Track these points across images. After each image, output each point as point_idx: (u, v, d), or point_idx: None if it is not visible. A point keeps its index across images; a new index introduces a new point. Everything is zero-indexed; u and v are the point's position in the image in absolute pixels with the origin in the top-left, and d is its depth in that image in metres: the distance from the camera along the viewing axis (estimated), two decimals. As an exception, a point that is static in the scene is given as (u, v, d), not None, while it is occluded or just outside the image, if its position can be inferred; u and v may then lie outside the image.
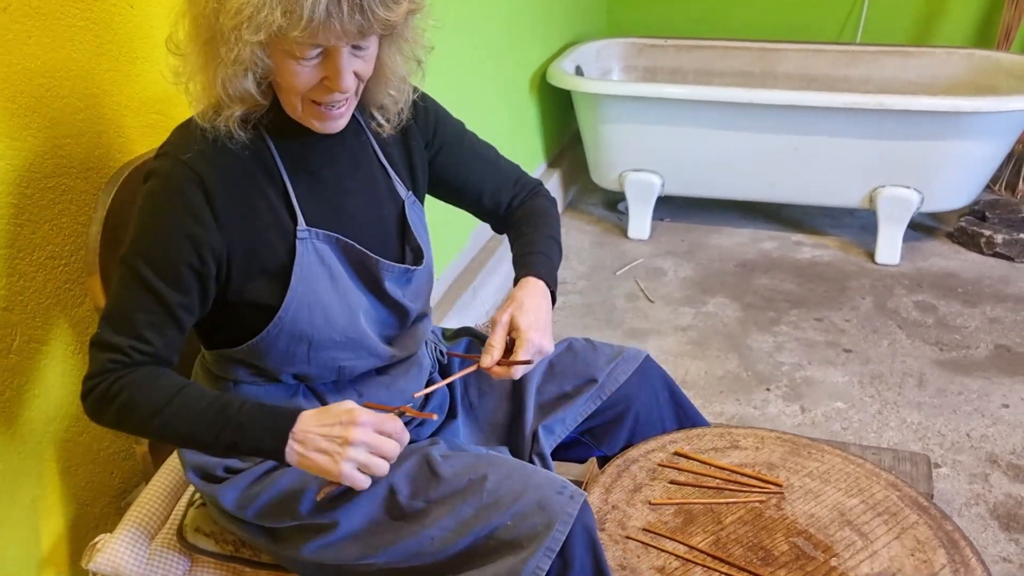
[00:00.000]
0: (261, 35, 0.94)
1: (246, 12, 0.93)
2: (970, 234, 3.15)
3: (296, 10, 0.92)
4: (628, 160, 3.21)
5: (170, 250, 1.03)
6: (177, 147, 1.05)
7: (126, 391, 1.03)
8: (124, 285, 1.05)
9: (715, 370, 2.46)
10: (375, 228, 1.19)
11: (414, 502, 1.09)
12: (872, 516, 1.21)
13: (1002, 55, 3.33)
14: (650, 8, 4.04)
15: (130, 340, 1.04)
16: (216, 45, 0.97)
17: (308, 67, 1.00)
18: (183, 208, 1.03)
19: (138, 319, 1.04)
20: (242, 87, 1.01)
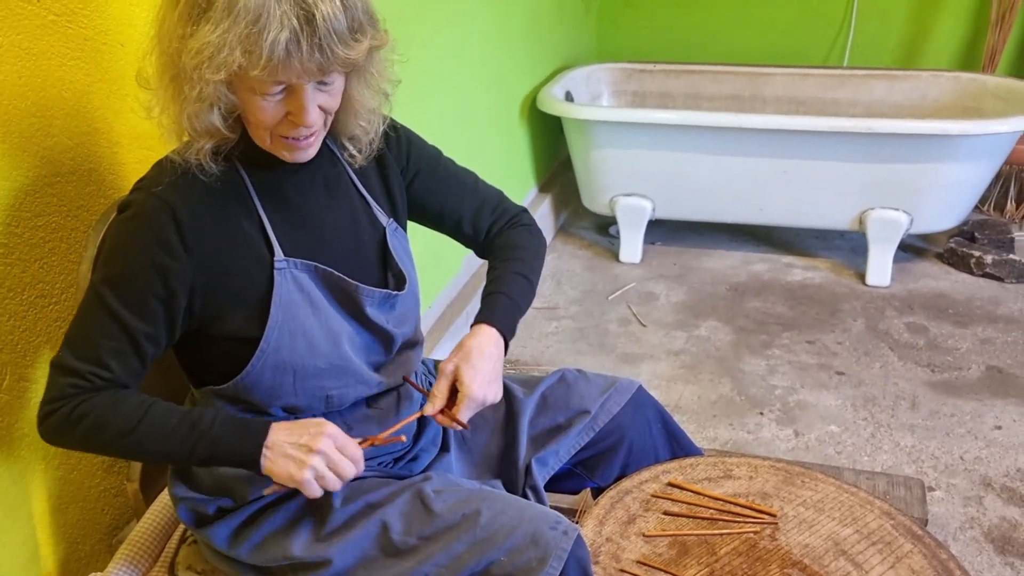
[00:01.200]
0: (222, 75, 0.95)
1: (206, 52, 0.94)
2: (960, 255, 3.17)
3: (255, 50, 0.94)
4: (619, 185, 3.23)
5: (137, 279, 1.04)
6: (151, 181, 1.07)
7: (92, 414, 1.03)
8: (89, 310, 1.05)
9: (708, 394, 2.46)
10: (354, 256, 1.19)
11: (407, 539, 1.09)
12: (867, 546, 1.21)
13: (988, 77, 3.36)
14: (639, 33, 4.07)
15: (91, 366, 1.04)
16: (180, 82, 0.99)
17: (272, 102, 1.01)
18: (152, 238, 1.04)
19: (101, 345, 1.04)
20: (208, 122, 1.02)
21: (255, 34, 0.93)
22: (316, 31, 0.94)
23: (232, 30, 0.93)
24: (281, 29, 0.93)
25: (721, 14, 3.91)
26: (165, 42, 0.99)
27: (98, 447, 1.07)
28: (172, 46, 0.98)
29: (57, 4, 1.19)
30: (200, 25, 0.95)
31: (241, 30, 0.93)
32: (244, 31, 0.93)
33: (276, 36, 0.93)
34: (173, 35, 0.98)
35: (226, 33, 0.93)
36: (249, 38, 0.93)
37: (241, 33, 0.93)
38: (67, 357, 1.04)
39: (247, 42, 0.93)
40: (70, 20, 1.21)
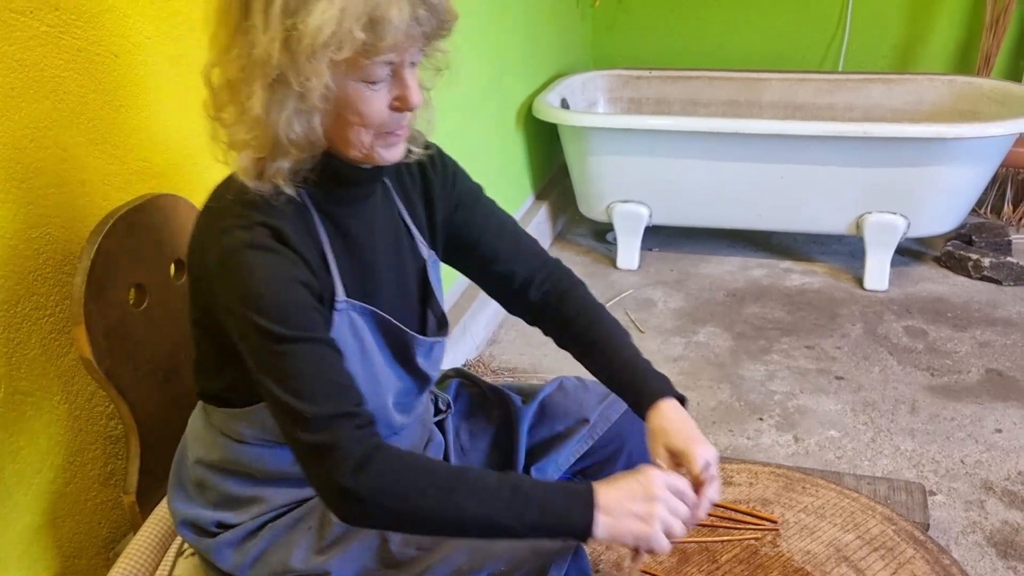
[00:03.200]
0: (345, 52, 0.88)
1: (326, 32, 0.87)
2: (958, 258, 3.17)
3: (380, 21, 0.88)
4: (615, 191, 3.22)
5: (294, 298, 0.95)
6: (236, 216, 0.97)
7: (404, 474, 0.94)
8: (286, 360, 0.93)
9: (707, 401, 2.45)
10: (400, 296, 1.15)
11: (406, 549, 1.08)
12: (868, 552, 1.20)
13: (983, 80, 3.37)
14: (634, 40, 4.07)
15: (342, 397, 0.95)
16: (279, 85, 0.91)
17: (380, 91, 0.95)
18: (281, 259, 0.96)
19: (326, 372, 0.95)
20: (307, 128, 0.94)
21: (378, 3, 0.87)
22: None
23: (354, 3, 0.87)
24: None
25: (716, 20, 3.92)
26: (263, 42, 0.89)
27: (413, 514, 0.95)
28: (276, 40, 0.88)
29: (50, 15, 1.18)
30: (312, 5, 0.87)
31: (359, 1, 0.87)
32: (364, 1, 0.87)
33: (399, 3, 0.88)
34: (274, 34, 0.88)
35: (346, 7, 0.86)
36: (371, 8, 0.87)
37: (362, 5, 0.87)
38: (317, 410, 0.92)
39: (370, 12, 0.87)
40: (63, 31, 1.21)
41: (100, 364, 1.20)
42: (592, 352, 1.23)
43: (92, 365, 1.19)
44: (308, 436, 0.93)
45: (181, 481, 1.20)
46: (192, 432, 1.21)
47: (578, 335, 1.24)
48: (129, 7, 1.32)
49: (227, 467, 1.14)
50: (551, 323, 1.27)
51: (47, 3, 1.17)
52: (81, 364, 1.21)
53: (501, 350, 2.74)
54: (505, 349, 2.74)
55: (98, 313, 1.19)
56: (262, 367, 0.95)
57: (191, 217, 1.38)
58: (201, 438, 1.18)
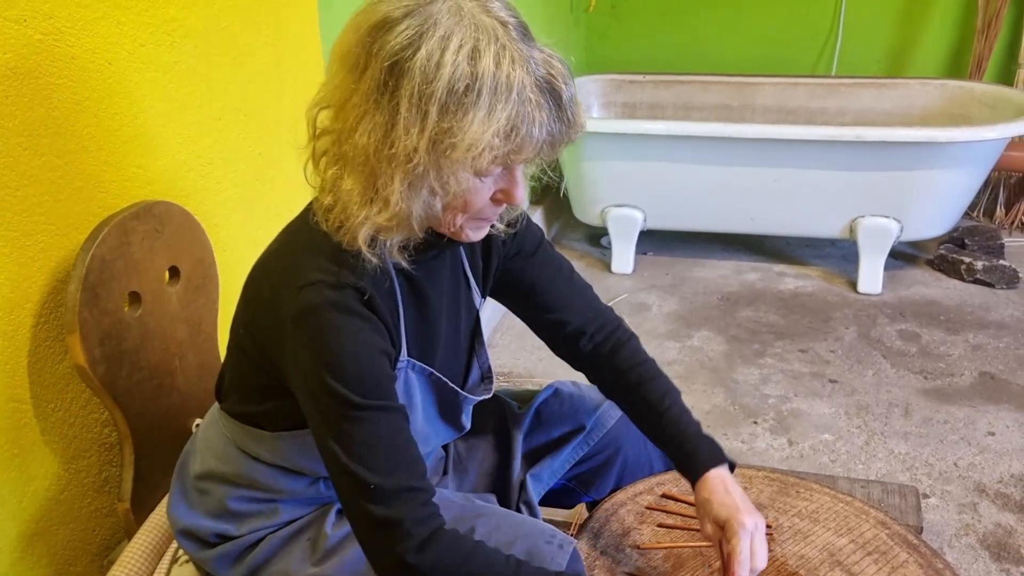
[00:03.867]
0: (489, 163, 0.88)
1: (482, 143, 0.86)
2: (950, 261, 3.18)
3: (526, 133, 0.88)
4: (610, 196, 3.23)
5: (376, 368, 0.95)
6: (323, 272, 0.95)
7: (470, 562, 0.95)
8: (360, 428, 0.92)
9: (702, 404, 2.46)
10: (452, 350, 1.15)
11: (402, 556, 1.08)
12: (862, 556, 1.21)
13: (975, 84, 3.38)
14: (628, 45, 4.09)
15: (411, 471, 0.94)
16: (428, 180, 0.89)
17: (488, 184, 0.94)
18: (364, 324, 0.95)
19: (398, 444, 0.94)
20: (431, 212, 0.93)
21: (525, 116, 0.87)
22: (562, 105, 0.90)
23: (509, 117, 0.86)
24: (540, 109, 0.88)
25: (710, 25, 3.93)
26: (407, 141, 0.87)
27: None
28: (421, 143, 0.86)
29: (44, 23, 1.18)
30: (468, 115, 0.85)
31: (514, 114, 0.86)
32: (516, 114, 0.86)
33: (540, 115, 0.88)
34: (423, 132, 0.86)
35: (503, 121, 0.86)
36: (522, 122, 0.87)
37: (514, 118, 0.86)
38: (386, 482, 0.92)
39: (520, 127, 0.87)
40: (57, 39, 1.21)
41: (94, 371, 1.20)
42: (642, 410, 1.22)
43: (86, 372, 1.20)
44: (373, 508, 0.92)
45: (184, 489, 1.20)
46: (205, 441, 1.19)
47: (628, 390, 1.23)
48: (123, 15, 1.32)
49: (239, 482, 1.14)
50: (601, 375, 1.26)
51: (41, 11, 1.18)
52: (75, 372, 1.22)
53: (496, 354, 2.74)
54: (500, 354, 2.74)
55: (93, 321, 1.20)
56: (330, 431, 0.93)
57: (186, 224, 1.39)
58: (215, 449, 1.17)
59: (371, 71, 0.87)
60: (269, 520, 1.13)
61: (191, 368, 1.42)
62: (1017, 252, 3.35)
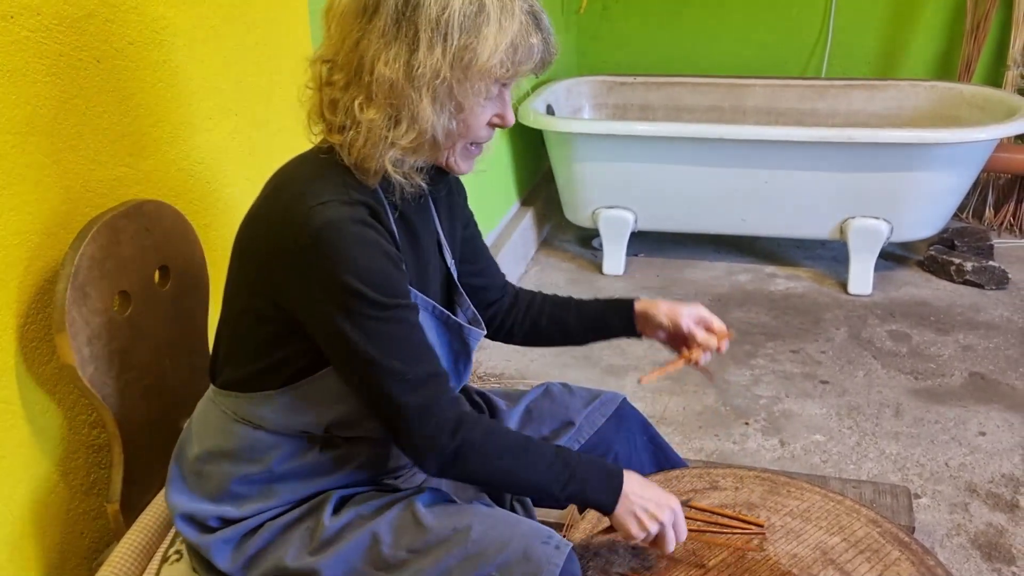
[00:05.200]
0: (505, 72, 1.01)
1: (498, 55, 0.99)
2: (940, 262, 3.19)
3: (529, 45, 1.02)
4: (601, 197, 3.23)
5: (393, 271, 1.03)
6: (333, 194, 1.03)
7: (492, 437, 1.08)
8: (384, 325, 1.02)
9: (693, 405, 2.46)
10: (441, 295, 1.23)
11: (397, 552, 1.08)
12: (854, 554, 1.21)
13: (964, 86, 3.40)
14: (619, 46, 4.09)
15: (433, 360, 1.06)
16: (452, 96, 1.01)
17: (488, 107, 1.06)
18: (377, 235, 1.03)
19: (418, 339, 1.06)
20: (451, 132, 1.04)
21: (525, 30, 1.00)
22: (543, 27, 1.04)
23: (518, 29, 1.00)
24: (532, 27, 1.02)
25: (700, 27, 3.94)
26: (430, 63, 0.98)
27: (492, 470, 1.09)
28: (444, 62, 0.98)
29: (32, 20, 1.17)
30: (483, 29, 0.98)
31: (519, 26, 1.00)
32: (521, 26, 1.00)
33: (535, 35, 1.02)
34: (446, 51, 0.98)
35: (514, 32, 0.99)
36: (525, 34, 1.00)
37: (520, 30, 1.00)
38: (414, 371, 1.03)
39: (524, 38, 1.00)
40: (45, 36, 1.20)
41: (83, 372, 1.19)
42: (564, 315, 1.39)
43: (75, 373, 1.19)
44: (410, 397, 1.03)
45: (182, 474, 1.20)
46: (201, 423, 1.20)
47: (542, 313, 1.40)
48: (112, 13, 1.31)
49: (241, 456, 1.15)
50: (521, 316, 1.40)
51: (29, 8, 1.17)
52: (64, 372, 1.21)
53: (487, 356, 2.74)
54: (491, 355, 2.74)
55: (81, 320, 1.19)
56: (361, 334, 1.01)
57: (176, 223, 1.38)
58: (214, 427, 1.17)
59: (384, 9, 0.98)
60: (267, 502, 1.14)
61: (181, 368, 1.41)
62: (1006, 253, 3.36)
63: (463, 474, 1.09)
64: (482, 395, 1.39)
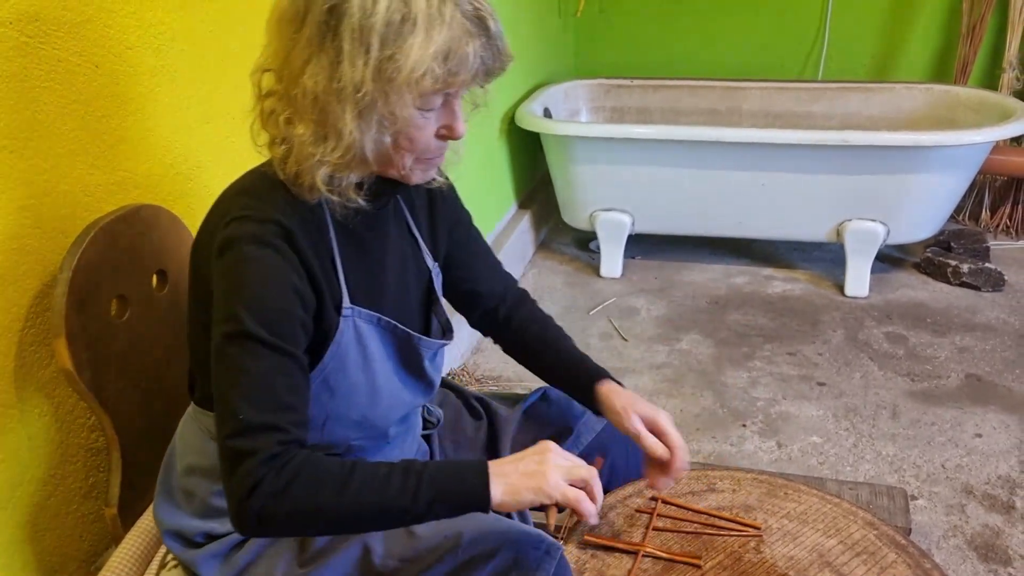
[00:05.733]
0: (432, 85, 0.94)
1: (422, 66, 0.92)
2: (937, 264, 3.20)
3: (463, 55, 0.94)
4: (598, 200, 3.24)
5: (281, 305, 0.98)
6: (255, 209, 1.00)
7: (301, 475, 0.93)
8: (246, 358, 0.95)
9: (691, 408, 2.46)
10: (404, 303, 1.17)
11: (388, 561, 1.08)
12: (851, 557, 1.21)
13: (960, 89, 3.41)
14: (616, 50, 4.10)
15: (281, 413, 0.95)
16: (376, 110, 0.95)
17: (431, 119, 1.00)
18: (281, 260, 0.99)
19: (278, 386, 0.95)
20: (382, 148, 0.99)
21: (461, 39, 0.93)
22: (491, 34, 0.97)
23: (446, 39, 0.93)
24: (473, 36, 0.95)
25: (697, 30, 3.95)
26: (353, 74, 0.93)
27: (312, 512, 0.94)
28: (367, 74, 0.93)
29: (30, 26, 1.18)
30: (408, 40, 0.92)
31: (451, 37, 0.93)
32: (453, 37, 0.93)
33: (473, 43, 0.94)
34: (368, 62, 0.93)
35: (441, 43, 0.92)
36: (459, 44, 0.93)
37: (452, 40, 0.93)
38: (251, 417, 0.93)
39: (457, 48, 0.93)
40: (43, 41, 1.20)
41: (81, 376, 1.19)
42: (541, 347, 1.33)
43: (73, 377, 1.19)
44: (232, 439, 0.93)
45: (169, 490, 1.19)
46: (182, 439, 1.20)
47: (528, 338, 1.34)
48: (110, 18, 1.32)
49: (216, 472, 1.14)
50: (511, 336, 1.36)
51: (27, 14, 1.17)
52: (62, 376, 1.21)
53: (485, 359, 2.74)
54: (489, 358, 2.74)
55: (80, 325, 1.19)
56: (224, 357, 0.96)
57: (174, 228, 1.38)
58: (192, 444, 1.17)
59: (311, 18, 0.94)
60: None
61: (179, 373, 1.41)
62: (1003, 255, 3.37)
63: (277, 530, 0.97)
64: (480, 400, 1.39)
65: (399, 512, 0.96)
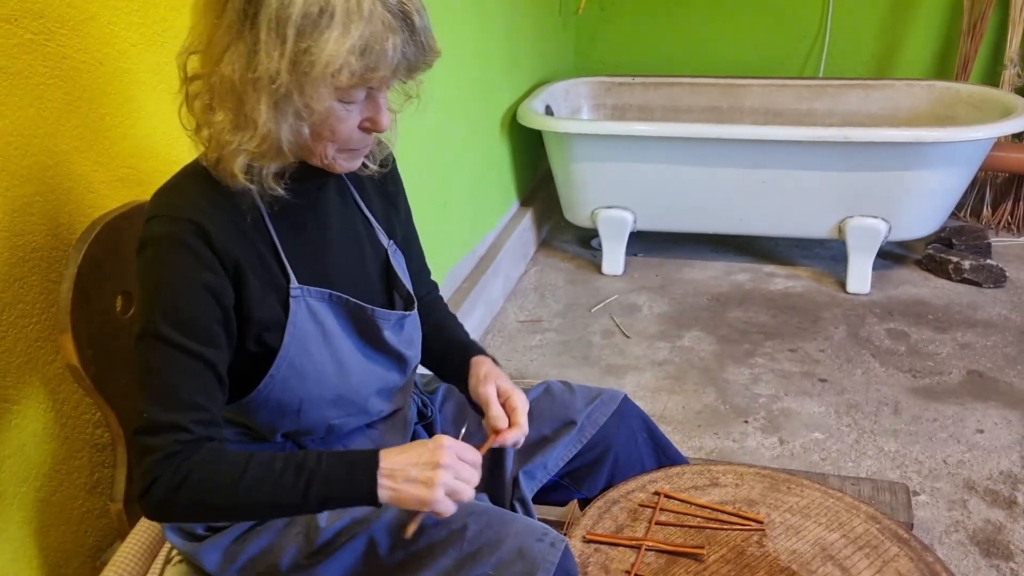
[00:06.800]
0: (348, 80, 0.94)
1: (338, 60, 0.92)
2: (938, 261, 3.20)
3: (380, 51, 0.93)
4: (600, 197, 3.24)
5: (193, 305, 0.99)
6: (171, 207, 1.01)
7: (196, 471, 0.96)
8: (157, 357, 0.98)
9: (693, 404, 2.47)
10: (360, 280, 1.18)
11: (394, 555, 1.08)
12: (853, 550, 1.21)
13: (961, 86, 3.41)
14: (617, 47, 4.10)
15: (186, 413, 0.97)
16: (291, 101, 0.95)
17: (353, 111, 1.00)
18: (195, 261, 0.99)
19: (186, 387, 0.98)
20: (300, 138, 1.00)
21: (379, 35, 0.93)
22: (415, 30, 0.96)
23: (361, 34, 0.92)
24: (394, 32, 0.94)
25: (698, 27, 3.95)
26: (268, 64, 0.93)
27: (207, 508, 0.99)
28: (282, 64, 0.93)
29: (35, 23, 1.18)
30: (324, 34, 0.91)
31: (368, 33, 0.92)
32: (370, 33, 0.92)
33: (393, 38, 0.94)
34: (284, 53, 0.92)
35: (356, 38, 0.92)
36: (376, 40, 0.93)
37: (368, 36, 0.92)
38: (156, 415, 0.97)
39: (374, 44, 0.93)
40: (48, 39, 1.21)
41: (86, 371, 1.20)
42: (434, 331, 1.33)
43: (79, 372, 1.19)
44: (141, 434, 0.98)
45: None
46: None
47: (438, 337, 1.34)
48: (114, 15, 1.32)
49: None
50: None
51: (31, 11, 1.18)
52: (67, 372, 1.21)
53: (487, 356, 2.74)
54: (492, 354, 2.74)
55: (84, 320, 1.19)
56: (138, 355, 0.99)
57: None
58: None
59: (232, 4, 0.94)
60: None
61: (183, 368, 1.41)
62: (1004, 251, 3.37)
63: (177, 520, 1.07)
64: (483, 394, 1.39)
65: (291, 508, 1.00)
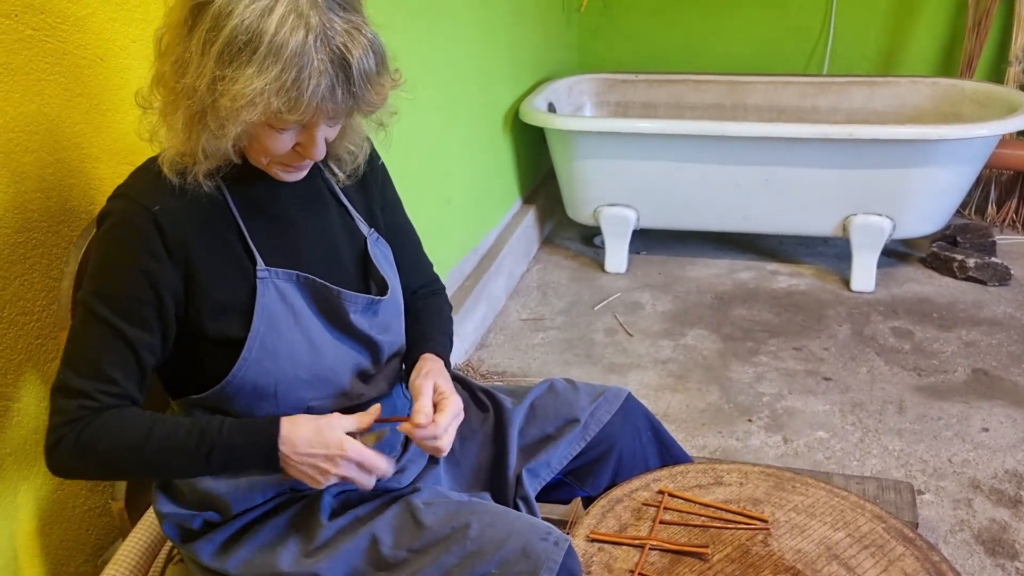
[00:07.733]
0: (258, 117, 0.95)
1: (248, 97, 0.93)
2: (943, 259, 3.19)
3: (298, 97, 0.93)
4: (603, 195, 3.23)
5: (127, 287, 1.02)
6: (131, 188, 1.05)
7: (101, 434, 1.01)
8: (83, 326, 1.03)
9: (696, 403, 2.46)
10: (334, 266, 1.18)
11: (397, 552, 1.08)
12: (859, 549, 1.21)
13: (965, 83, 3.39)
14: (620, 44, 4.09)
15: (97, 383, 1.02)
16: (204, 118, 0.97)
17: (286, 136, 1.01)
18: (137, 244, 1.02)
19: (102, 359, 1.02)
20: (222, 150, 1.01)
21: (299, 81, 0.92)
22: (351, 78, 0.95)
23: (277, 77, 0.92)
24: (321, 76, 0.93)
25: (702, 24, 3.94)
26: (190, 78, 0.95)
27: (111, 469, 1.05)
28: (200, 83, 0.94)
29: (35, 19, 1.18)
30: (241, 69, 0.92)
31: (285, 77, 0.92)
32: (289, 78, 0.92)
33: (317, 83, 0.93)
34: (203, 73, 0.94)
35: (271, 80, 0.92)
36: (293, 85, 0.93)
37: (285, 80, 0.92)
38: (70, 378, 1.02)
39: (291, 89, 0.93)
40: (48, 35, 1.20)
41: (88, 369, 1.19)
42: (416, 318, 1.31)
43: (80, 370, 1.18)
44: (54, 394, 1.03)
45: (165, 481, 1.19)
46: None
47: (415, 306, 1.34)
48: (114, 11, 1.31)
49: None
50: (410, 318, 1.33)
51: (32, 7, 1.17)
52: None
53: (490, 354, 2.74)
54: (494, 353, 2.74)
55: (85, 318, 1.18)
56: (73, 317, 1.05)
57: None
58: None
59: (182, 7, 0.96)
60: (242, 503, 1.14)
61: (185, 366, 1.41)
62: (1009, 249, 3.36)
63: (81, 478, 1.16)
64: (486, 392, 1.39)
65: (193, 472, 1.06)
